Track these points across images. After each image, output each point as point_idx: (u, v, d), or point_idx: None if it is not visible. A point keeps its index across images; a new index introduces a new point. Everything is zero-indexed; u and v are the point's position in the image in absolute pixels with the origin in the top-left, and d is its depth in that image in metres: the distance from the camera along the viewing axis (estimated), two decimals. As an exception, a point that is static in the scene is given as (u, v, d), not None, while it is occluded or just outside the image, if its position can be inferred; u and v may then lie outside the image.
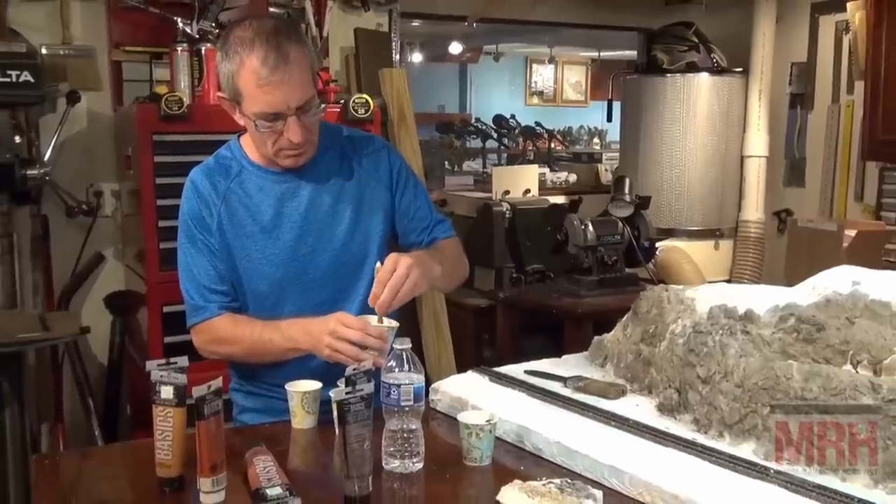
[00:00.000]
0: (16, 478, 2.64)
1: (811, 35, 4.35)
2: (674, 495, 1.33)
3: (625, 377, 1.87)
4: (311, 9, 3.39)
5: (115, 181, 3.21)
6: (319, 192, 1.81)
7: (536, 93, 10.57)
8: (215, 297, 1.78)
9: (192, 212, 1.80)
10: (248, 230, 1.79)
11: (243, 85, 1.66)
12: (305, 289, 1.81)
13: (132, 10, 3.09)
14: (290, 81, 1.65)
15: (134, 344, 3.16)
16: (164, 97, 2.61)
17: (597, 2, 4.41)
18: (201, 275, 1.79)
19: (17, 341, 2.25)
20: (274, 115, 1.67)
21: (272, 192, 1.80)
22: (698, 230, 4.40)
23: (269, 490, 1.39)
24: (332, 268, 1.82)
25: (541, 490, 1.39)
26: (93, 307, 3.19)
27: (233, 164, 1.83)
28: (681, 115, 4.34)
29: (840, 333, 1.45)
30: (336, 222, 1.82)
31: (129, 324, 3.19)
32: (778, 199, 4.55)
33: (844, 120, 4.18)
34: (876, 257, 3.46)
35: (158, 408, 1.43)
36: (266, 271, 1.80)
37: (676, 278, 3.96)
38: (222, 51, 1.70)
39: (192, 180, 1.83)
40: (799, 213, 4.33)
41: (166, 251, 2.72)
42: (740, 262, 4.46)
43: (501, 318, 3.68)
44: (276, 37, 1.64)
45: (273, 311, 1.80)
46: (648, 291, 1.91)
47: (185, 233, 1.81)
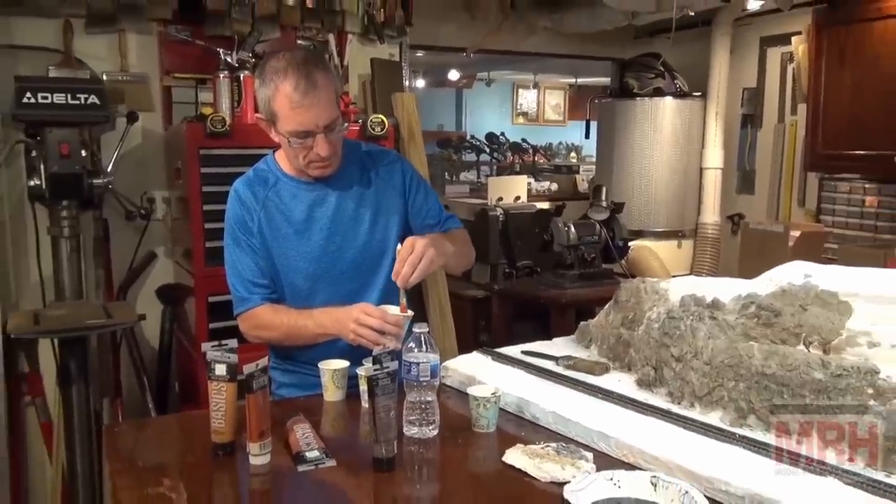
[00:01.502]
0: (81, 445, 2.63)
1: (760, 64, 4.35)
2: (654, 456, 1.33)
3: (607, 357, 1.87)
4: (333, 41, 3.40)
5: (165, 189, 3.20)
6: (344, 198, 1.82)
7: (522, 113, 10.56)
8: (258, 289, 1.79)
9: (236, 217, 1.81)
10: (284, 232, 1.80)
11: (278, 107, 1.67)
12: (334, 281, 1.82)
13: (180, 42, 3.09)
14: (318, 104, 1.66)
15: (182, 329, 3.16)
16: (210, 117, 2.61)
17: (577, 35, 4.41)
18: (246, 271, 1.79)
19: (84, 327, 2.25)
20: (305, 133, 1.68)
21: (304, 199, 1.81)
22: (663, 231, 4.41)
23: (308, 453, 1.40)
24: (356, 262, 1.83)
25: (540, 452, 1.39)
26: (146, 298, 3.19)
27: (269, 175, 1.84)
28: (649, 132, 4.35)
29: (794, 318, 1.45)
30: (358, 224, 1.83)
31: (178, 312, 3.19)
32: (731, 204, 4.55)
33: (789, 137, 4.19)
34: (816, 254, 3.47)
35: (213, 383, 1.43)
36: (300, 267, 1.81)
37: (645, 273, 3.97)
38: (260, 78, 1.71)
39: (235, 190, 1.84)
40: (749, 216, 4.33)
41: (211, 249, 2.72)
42: (699, 259, 4.47)
43: (496, 307, 3.68)
44: (305, 66, 1.65)
45: (307, 301, 1.81)
46: (627, 283, 1.91)
47: (230, 235, 1.82)
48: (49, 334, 2.33)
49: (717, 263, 4.42)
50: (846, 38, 3.33)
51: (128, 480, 1.31)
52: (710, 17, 4.23)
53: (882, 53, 3.19)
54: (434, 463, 1.43)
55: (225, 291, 2.73)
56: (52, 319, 2.30)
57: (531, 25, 4.37)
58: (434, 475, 1.39)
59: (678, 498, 1.18)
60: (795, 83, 4.04)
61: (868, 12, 3.24)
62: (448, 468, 1.42)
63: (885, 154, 3.21)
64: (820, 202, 3.88)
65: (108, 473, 1.37)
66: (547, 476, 1.32)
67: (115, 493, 1.27)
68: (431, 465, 1.42)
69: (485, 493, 1.28)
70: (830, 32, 3.41)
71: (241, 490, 1.34)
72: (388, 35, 3.53)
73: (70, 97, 2.32)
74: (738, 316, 1.54)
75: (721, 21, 4.27)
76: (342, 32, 3.43)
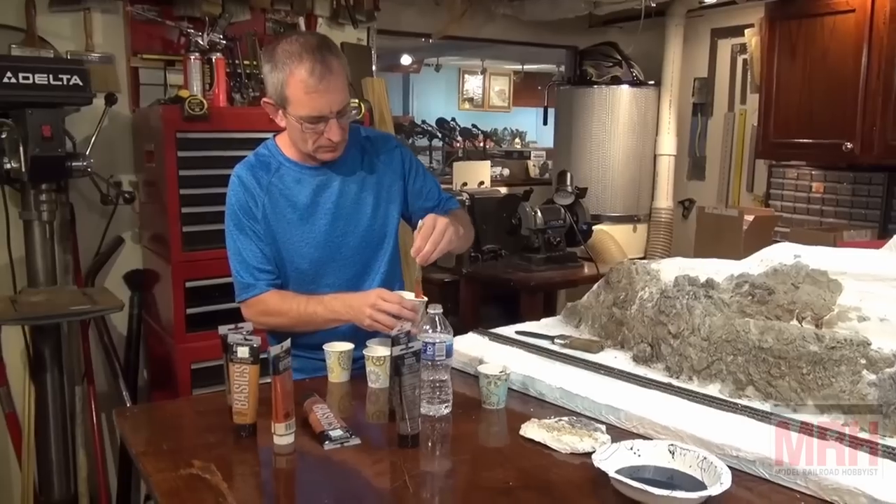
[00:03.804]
0: (56, 434, 2.58)
1: (711, 55, 4.49)
2: (664, 426, 1.41)
3: (599, 335, 1.93)
4: (303, 25, 3.37)
5: (132, 173, 3.13)
6: (347, 182, 1.84)
7: (468, 99, 10.63)
8: (263, 275, 1.79)
9: (239, 203, 1.80)
10: (289, 217, 1.81)
11: (291, 92, 1.67)
12: (338, 266, 1.84)
13: (148, 22, 3.02)
14: (333, 89, 1.67)
15: (151, 315, 3.11)
16: (187, 100, 2.57)
17: (534, 23, 4.47)
18: (250, 257, 1.79)
19: (69, 313, 2.20)
20: (318, 118, 1.69)
21: (308, 184, 1.82)
22: (620, 216, 4.50)
23: (332, 432, 1.43)
24: (359, 246, 1.85)
25: (555, 426, 1.46)
26: (113, 284, 3.11)
27: (271, 160, 1.83)
28: (606, 120, 4.43)
29: (787, 296, 1.55)
30: (361, 208, 1.85)
31: (146, 298, 3.14)
32: (682, 190, 4.69)
33: (738, 125, 4.36)
34: (768, 237, 3.64)
35: (235, 365, 1.44)
36: (305, 252, 1.82)
37: (604, 256, 4.08)
38: (270, 63, 1.70)
39: (237, 175, 1.82)
40: (700, 202, 4.50)
41: (189, 234, 2.69)
42: (653, 242, 4.61)
43: (464, 291, 3.74)
44: (320, 51, 1.65)
45: (312, 286, 1.82)
46: (619, 265, 1.98)
47: (233, 221, 1.81)
48: (31, 320, 2.28)
49: (670, 246, 4.58)
50: (797, 32, 3.49)
51: (159, 463, 1.32)
52: (664, 9, 4.35)
53: (831, 48, 3.36)
54: (455, 438, 1.48)
55: (203, 276, 2.75)
56: (31, 305, 2.24)
57: (490, 12, 4.41)
58: (458, 449, 1.43)
59: (696, 464, 1.26)
60: (747, 74, 4.20)
61: (818, 8, 3.40)
62: (469, 443, 1.47)
63: (831, 143, 3.39)
64: (769, 188, 4.05)
65: (135, 457, 1.37)
66: (567, 448, 1.38)
67: (149, 476, 1.27)
68: (453, 440, 1.47)
69: (511, 464, 1.33)
70: (782, 26, 3.56)
71: (272, 469, 1.36)
72: (358, 19, 3.51)
73: (52, 78, 2.24)
74: (733, 294, 1.63)
75: (675, 12, 4.39)
76: (311, 16, 3.41)
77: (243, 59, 3.14)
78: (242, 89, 3.08)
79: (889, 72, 3.14)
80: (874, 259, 1.66)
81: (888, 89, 3.15)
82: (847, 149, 3.31)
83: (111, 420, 3.12)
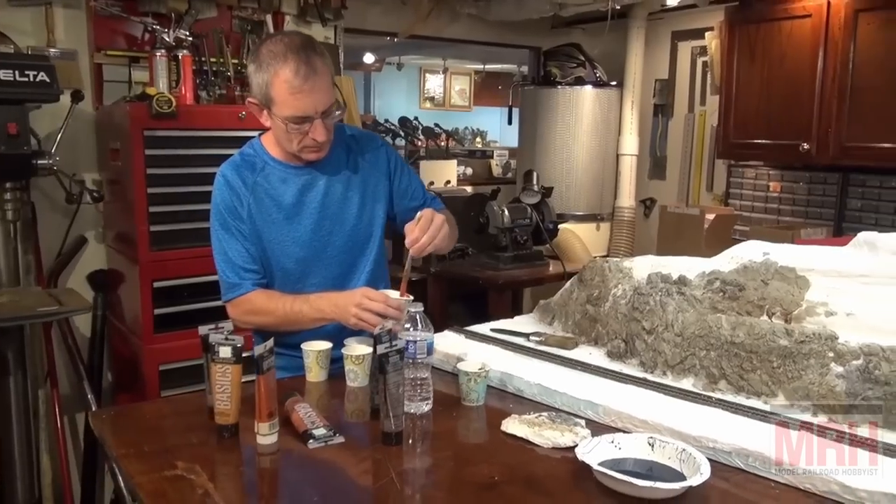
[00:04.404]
0: (20, 438, 2.52)
1: (671, 57, 4.59)
2: (642, 420, 1.44)
3: (573, 332, 1.97)
4: (270, 22, 3.34)
5: (95, 171, 3.07)
6: (333, 182, 1.84)
7: (429, 98, 10.64)
8: (249, 275, 1.78)
9: (224, 202, 1.79)
10: (274, 217, 1.80)
11: (276, 93, 1.67)
12: (324, 265, 1.84)
13: (112, 17, 2.96)
14: (317, 90, 1.67)
15: (115, 316, 3.05)
16: (155, 98, 2.53)
17: (499, 23, 4.50)
18: (236, 256, 1.78)
19: (36, 314, 2.15)
20: (303, 119, 1.69)
21: (294, 183, 1.81)
22: (583, 215, 4.56)
23: (316, 431, 1.43)
24: (345, 246, 1.85)
25: (536, 421, 1.48)
26: (76, 285, 3.05)
27: (256, 160, 1.83)
28: (570, 120, 4.49)
29: (757, 292, 1.60)
30: (347, 207, 1.85)
31: (110, 299, 3.08)
32: (644, 189, 4.78)
33: (698, 126, 4.46)
34: (727, 235, 3.74)
35: (217, 365, 1.42)
36: (291, 251, 1.81)
37: (569, 254, 4.14)
38: (255, 63, 1.70)
39: (222, 175, 1.81)
40: (661, 201, 4.59)
41: (157, 233, 2.65)
42: (616, 241, 4.69)
43: (432, 289, 3.75)
44: (304, 51, 1.65)
45: (297, 285, 1.82)
46: (592, 263, 2.02)
47: (218, 221, 1.80)
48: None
49: (632, 245, 4.66)
50: (756, 36, 3.59)
51: (141, 465, 1.30)
52: (626, 11, 4.42)
53: (788, 51, 3.46)
54: (437, 435, 1.49)
55: (171, 276, 2.72)
56: (-2, 307, 2.19)
57: (455, 12, 4.43)
58: (441, 446, 1.45)
59: (676, 455, 1.30)
60: (707, 76, 4.30)
61: (776, 13, 3.50)
62: (451, 439, 1.48)
63: (789, 144, 3.49)
64: (728, 187, 4.16)
65: (116, 459, 1.35)
66: (548, 442, 1.41)
67: (131, 478, 1.26)
68: (435, 437, 1.48)
69: (495, 459, 1.35)
70: (741, 30, 3.65)
71: (258, 468, 1.35)
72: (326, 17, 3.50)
73: (18, 74, 2.19)
74: (705, 291, 1.67)
75: (636, 15, 4.47)
76: (278, 13, 3.38)
77: (210, 56, 3.10)
78: (209, 87, 3.05)
79: (844, 76, 3.25)
80: (840, 256, 1.73)
81: (843, 93, 3.26)
82: (804, 149, 3.41)
83: (75, 423, 3.06)
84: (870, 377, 1.34)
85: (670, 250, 2.41)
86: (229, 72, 3.13)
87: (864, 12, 3.17)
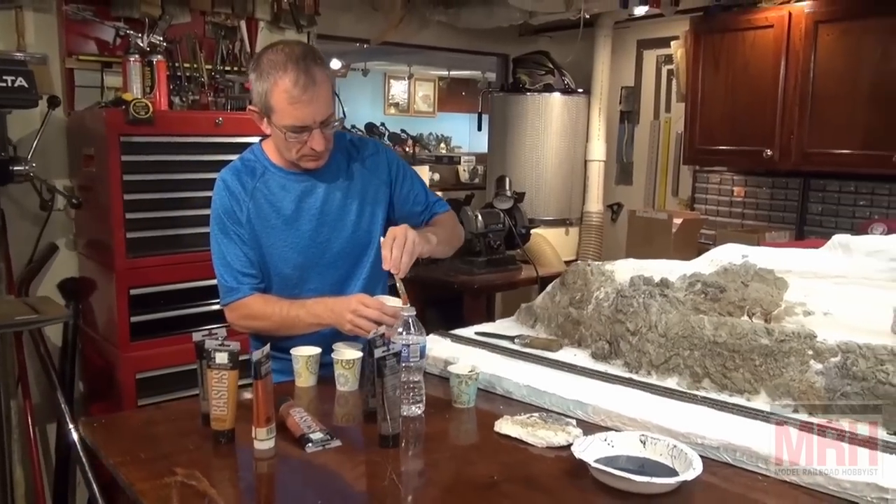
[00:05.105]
0: (-7, 449, 2.47)
1: (637, 65, 4.68)
2: (630, 418, 1.49)
3: (556, 334, 2.01)
4: (244, 28, 3.33)
5: (65, 177, 3.02)
6: (332, 189, 1.84)
7: (393, 104, 10.66)
8: (247, 279, 1.79)
9: (224, 207, 1.79)
10: (273, 223, 1.80)
11: (276, 102, 1.68)
12: (322, 270, 1.84)
13: (84, 22, 2.92)
14: (317, 100, 1.67)
15: (89, 325, 3.00)
16: (132, 103, 2.50)
17: (467, 31, 4.55)
18: (234, 261, 1.78)
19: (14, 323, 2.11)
20: (301, 128, 1.69)
21: (293, 190, 1.82)
22: (553, 220, 4.62)
23: (313, 435, 1.44)
24: (343, 252, 1.86)
25: (529, 422, 1.51)
26: (47, 293, 2.99)
27: (257, 166, 1.83)
28: (539, 126, 4.55)
29: (738, 293, 1.65)
30: (345, 214, 1.85)
31: (83, 307, 3.03)
32: (611, 194, 4.86)
33: (663, 132, 4.56)
34: (694, 239, 3.84)
35: (213, 371, 1.43)
36: (289, 257, 1.82)
37: (540, 259, 4.19)
38: (255, 71, 1.70)
39: (222, 179, 1.81)
40: (628, 206, 4.68)
41: (133, 240, 2.62)
42: (585, 245, 4.76)
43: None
44: (304, 61, 1.66)
45: (295, 290, 1.82)
46: (574, 266, 2.06)
47: (217, 225, 1.80)
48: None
49: (601, 249, 4.74)
50: (720, 45, 3.70)
51: (140, 472, 1.30)
52: (594, 20, 4.51)
53: (751, 61, 3.57)
54: (432, 437, 1.51)
55: (148, 284, 2.69)
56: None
57: (425, 19, 4.46)
58: (437, 447, 1.47)
59: (667, 452, 1.34)
60: (672, 83, 4.40)
61: (740, 23, 3.61)
62: (446, 441, 1.51)
63: (752, 150, 3.60)
64: (694, 192, 4.26)
65: (113, 467, 1.34)
66: (543, 442, 1.44)
67: (132, 485, 1.25)
68: (430, 439, 1.50)
69: (491, 459, 1.38)
70: (706, 39, 3.76)
71: (258, 473, 1.36)
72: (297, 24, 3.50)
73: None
74: (687, 293, 1.73)
75: (603, 24, 4.56)
76: (252, 19, 3.37)
77: (183, 61, 3.08)
78: (182, 92, 3.03)
79: (804, 84, 3.36)
80: (816, 258, 1.80)
81: (804, 101, 3.38)
82: (767, 155, 3.52)
83: (46, 434, 3.00)
84: (848, 373, 1.41)
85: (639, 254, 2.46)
86: (203, 77, 3.11)
87: (824, 24, 3.29)
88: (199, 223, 2.62)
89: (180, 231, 2.72)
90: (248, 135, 2.57)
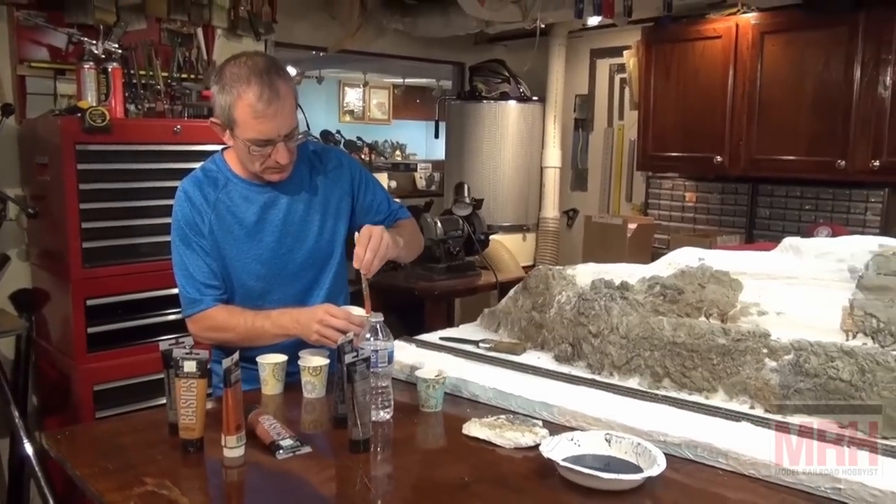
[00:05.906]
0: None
1: (591, 74, 4.78)
2: (595, 418, 1.52)
3: (519, 338, 2.05)
4: (201, 36, 3.30)
5: (17, 186, 2.95)
6: (294, 201, 1.84)
7: (348, 111, 10.63)
8: (209, 290, 1.77)
9: (185, 218, 1.77)
10: (236, 234, 1.79)
11: (239, 115, 1.67)
12: (285, 282, 1.84)
13: (36, 28, 2.86)
14: (280, 114, 1.67)
15: (42, 337, 2.94)
16: (88, 111, 2.47)
17: (424, 39, 4.58)
18: (196, 272, 1.76)
19: (-32, 336, 2.05)
20: (265, 142, 1.69)
21: (256, 201, 1.81)
22: (510, 226, 4.66)
23: (283, 441, 1.44)
24: (306, 263, 1.86)
25: (496, 424, 1.54)
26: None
27: (219, 176, 1.81)
28: (495, 133, 4.60)
29: (695, 295, 1.71)
30: (308, 226, 1.85)
31: (36, 318, 2.96)
32: (567, 200, 4.93)
33: (617, 140, 4.65)
34: (648, 244, 3.93)
35: (182, 380, 1.42)
36: (252, 268, 1.81)
37: (499, 264, 4.24)
38: (218, 84, 1.69)
39: (184, 190, 1.79)
40: (583, 211, 4.76)
41: (90, 250, 2.58)
42: (542, 250, 4.82)
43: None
44: (268, 74, 1.65)
45: (258, 301, 1.82)
46: (536, 271, 2.10)
47: (179, 236, 1.78)
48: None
49: (557, 254, 4.81)
50: (671, 55, 3.80)
51: (109, 483, 1.29)
52: (548, 29, 4.58)
53: (701, 69, 3.68)
54: (401, 441, 1.52)
55: (105, 294, 2.65)
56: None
57: (382, 27, 4.48)
58: (407, 451, 1.48)
59: (631, 449, 1.38)
60: (625, 92, 4.50)
61: (689, 34, 3.72)
62: (416, 445, 1.52)
63: (703, 156, 3.70)
64: (647, 198, 4.36)
65: (80, 479, 1.32)
66: (510, 443, 1.47)
67: (102, 496, 1.24)
68: (400, 443, 1.52)
69: (461, 461, 1.40)
70: (658, 49, 3.86)
71: (228, 481, 1.35)
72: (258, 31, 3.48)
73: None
74: (646, 295, 1.78)
75: (557, 33, 4.64)
76: (209, 27, 3.35)
77: (139, 69, 3.04)
78: (138, 100, 2.99)
79: (752, 93, 3.48)
80: (768, 260, 1.87)
81: (752, 108, 3.49)
82: (717, 162, 3.63)
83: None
84: (801, 370, 1.47)
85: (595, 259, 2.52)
86: (159, 85, 3.07)
87: (770, 34, 3.41)
88: (157, 232, 2.60)
89: (138, 240, 2.68)
90: (207, 143, 2.56)
